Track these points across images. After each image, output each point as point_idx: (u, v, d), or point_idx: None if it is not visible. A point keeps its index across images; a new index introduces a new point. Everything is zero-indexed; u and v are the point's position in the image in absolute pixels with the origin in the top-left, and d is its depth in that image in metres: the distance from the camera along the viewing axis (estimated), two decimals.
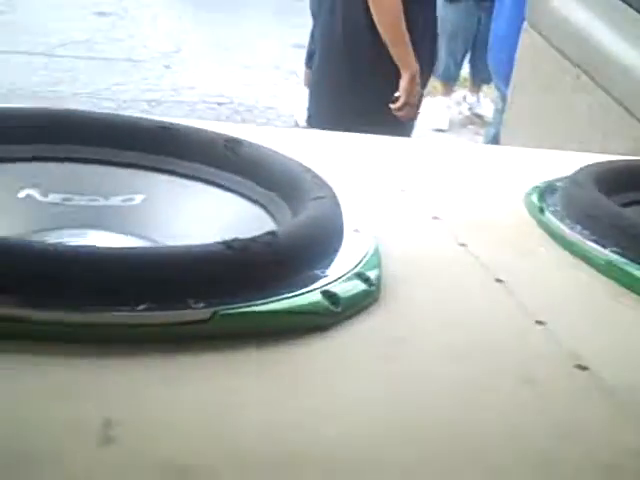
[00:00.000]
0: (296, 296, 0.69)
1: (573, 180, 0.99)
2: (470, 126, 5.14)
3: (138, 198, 0.90)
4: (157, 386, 0.59)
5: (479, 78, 5.03)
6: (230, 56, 5.50)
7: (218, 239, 0.70)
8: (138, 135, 0.92)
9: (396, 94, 2.68)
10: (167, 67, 5.40)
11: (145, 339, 0.63)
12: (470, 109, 5.24)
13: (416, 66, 2.64)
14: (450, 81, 5.07)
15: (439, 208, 0.97)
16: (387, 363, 0.66)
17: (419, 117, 2.93)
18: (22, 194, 0.87)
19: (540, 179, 1.06)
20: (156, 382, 0.59)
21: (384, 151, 1.17)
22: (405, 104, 2.68)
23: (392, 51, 2.60)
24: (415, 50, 2.63)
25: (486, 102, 5.11)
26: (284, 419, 0.57)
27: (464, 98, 5.27)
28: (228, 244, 0.68)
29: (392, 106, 2.67)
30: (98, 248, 0.69)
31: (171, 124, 0.93)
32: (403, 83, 2.64)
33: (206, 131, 0.94)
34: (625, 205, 0.98)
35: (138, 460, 0.51)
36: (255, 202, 0.88)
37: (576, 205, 0.94)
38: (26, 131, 0.90)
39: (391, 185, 1.04)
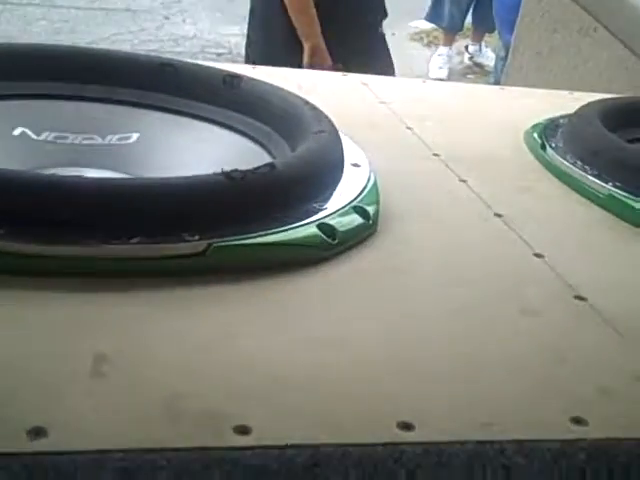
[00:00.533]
0: (293, 229, 0.68)
1: (577, 116, 0.97)
2: (470, 75, 5.09)
3: (134, 136, 0.89)
4: (149, 320, 0.58)
5: (482, 27, 4.96)
6: (230, 7, 5.43)
7: None
8: (136, 72, 0.90)
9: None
10: (166, 18, 5.34)
11: (138, 273, 0.62)
12: (471, 58, 5.18)
13: (317, 40, 2.47)
14: (453, 30, 5.01)
15: (440, 146, 0.96)
16: (383, 294, 0.65)
17: (417, 67, 2.84)
18: (17, 132, 0.86)
19: (541, 117, 1.04)
20: (148, 316, 0.58)
21: (387, 90, 1.15)
22: None
23: (294, 20, 2.46)
24: (328, 24, 2.46)
25: (488, 51, 5.05)
26: (274, 349, 0.56)
27: (466, 48, 5.21)
28: (227, 174, 0.66)
29: None
30: (87, 179, 0.68)
31: (170, 60, 0.92)
32: (305, 57, 2.51)
33: (206, 67, 0.92)
34: (630, 142, 0.96)
35: (130, 391, 0.50)
36: (253, 139, 0.86)
37: (579, 141, 0.93)
38: (21, 68, 0.89)
39: (393, 123, 1.03)
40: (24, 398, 0.49)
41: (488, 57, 5.01)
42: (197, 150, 0.86)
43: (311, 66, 2.40)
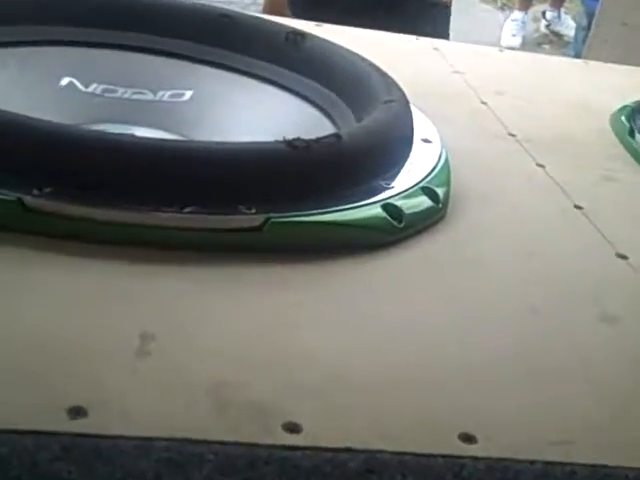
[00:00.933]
0: (356, 208, 0.67)
1: None
2: (545, 45, 5.01)
3: (188, 94, 0.88)
4: (198, 299, 0.58)
5: None
6: None
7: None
8: (191, 22, 0.89)
9: None
10: None
11: (189, 245, 0.61)
12: (548, 26, 5.10)
13: None
14: None
15: (516, 124, 0.95)
16: (451, 287, 0.64)
17: (488, 32, 2.79)
18: (64, 82, 0.86)
19: (631, 98, 1.02)
20: (197, 294, 0.58)
21: (461, 58, 1.13)
22: None
23: None
24: None
25: (567, 19, 4.96)
26: (335, 341, 0.55)
27: (543, 14, 5.12)
28: (289, 143, 0.65)
29: None
30: (140, 139, 0.67)
31: (230, 12, 0.91)
32: None
33: (267, 22, 0.91)
34: None
35: (176, 375, 0.50)
36: (316, 105, 0.85)
37: None
38: (70, 12, 0.89)
39: (467, 95, 1.01)
40: (64, 374, 0.49)
41: (568, 26, 4.91)
42: (255, 113, 0.86)
43: None
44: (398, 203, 0.69)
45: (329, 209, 0.66)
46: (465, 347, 0.58)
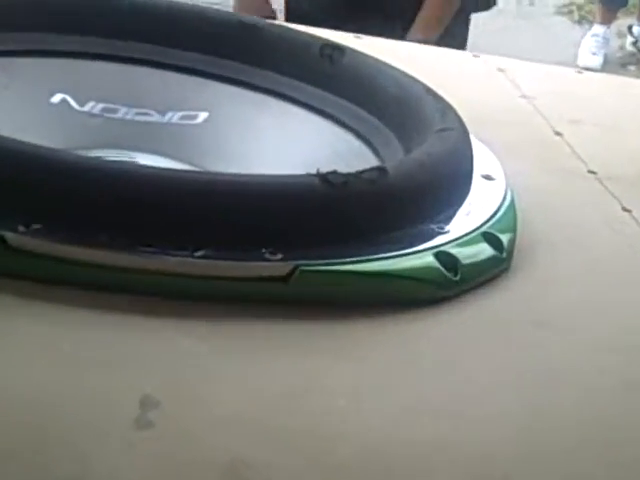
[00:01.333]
0: (403, 256, 0.68)
1: None
2: (631, 67, 5.03)
3: (202, 116, 0.90)
4: (211, 359, 0.58)
5: None
6: None
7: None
8: (210, 32, 0.91)
9: None
10: None
11: (200, 296, 0.62)
12: (635, 43, 5.12)
13: None
14: (615, 5, 4.96)
15: (598, 160, 0.95)
16: (519, 354, 0.64)
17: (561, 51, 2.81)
18: (56, 98, 0.88)
19: None
20: (210, 354, 0.58)
21: (531, 80, 1.14)
22: None
23: None
24: None
25: None
26: (372, 417, 0.55)
27: (629, 29, 5.15)
28: (323, 177, 0.66)
29: None
30: (144, 169, 0.68)
31: (253, 20, 0.92)
32: None
33: (298, 32, 0.92)
34: None
35: (181, 449, 0.51)
36: (355, 132, 0.86)
37: None
38: (64, 18, 0.90)
39: (537, 124, 1.02)
40: (58, 443, 0.49)
41: None
42: (282, 141, 0.87)
43: None
44: (453, 251, 0.70)
45: (370, 257, 0.66)
46: (529, 431, 0.57)
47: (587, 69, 4.89)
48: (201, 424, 0.53)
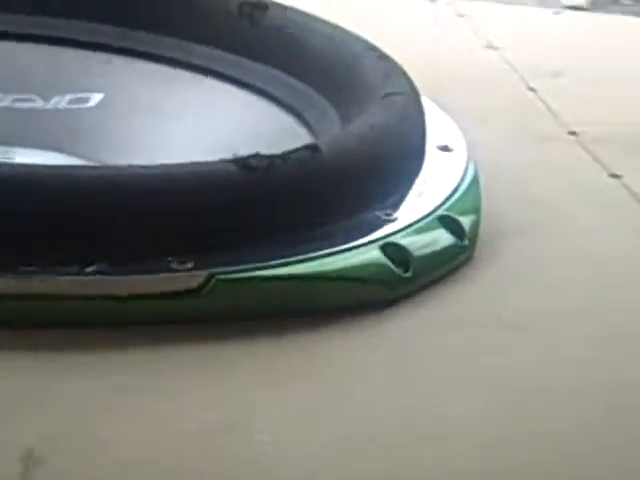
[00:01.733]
0: (342, 252, 0.68)
1: None
2: (627, 0, 5.08)
3: (95, 98, 0.90)
4: (112, 398, 0.58)
5: None
6: None
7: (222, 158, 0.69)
8: None
9: None
10: None
11: (96, 320, 0.62)
12: None
13: None
14: None
15: (579, 118, 0.96)
16: (486, 363, 0.64)
17: None
18: None
19: None
20: (111, 392, 0.58)
21: (498, 26, 1.15)
22: None
23: None
24: None
25: None
26: (297, 455, 0.55)
27: None
28: (242, 162, 0.66)
29: None
30: (17, 167, 0.68)
31: None
32: None
33: None
34: None
35: None
36: (283, 104, 0.87)
37: None
38: None
39: (506, 79, 1.03)
40: None
41: None
42: (194, 122, 0.87)
43: None
44: (404, 242, 0.70)
45: (301, 257, 0.66)
46: (500, 450, 0.57)
47: (570, 8, 4.92)
48: (105, 472, 0.53)
